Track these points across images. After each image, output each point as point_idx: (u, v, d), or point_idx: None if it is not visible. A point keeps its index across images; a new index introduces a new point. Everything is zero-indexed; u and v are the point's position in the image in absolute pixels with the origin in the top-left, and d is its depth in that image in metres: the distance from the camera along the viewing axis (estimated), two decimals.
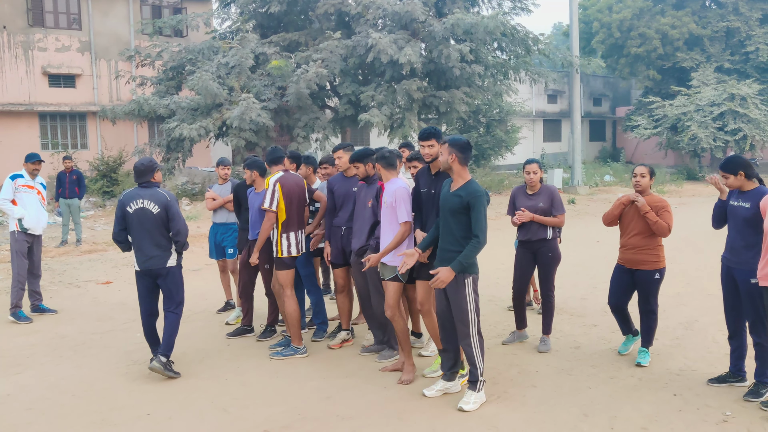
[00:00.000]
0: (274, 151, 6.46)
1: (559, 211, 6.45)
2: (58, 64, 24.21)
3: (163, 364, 5.75)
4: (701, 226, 5.97)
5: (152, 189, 5.79)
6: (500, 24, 19.28)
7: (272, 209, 6.16)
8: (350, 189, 6.33)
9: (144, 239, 5.73)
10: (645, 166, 6.04)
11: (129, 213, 5.73)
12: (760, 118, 27.21)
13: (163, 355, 5.79)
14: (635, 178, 6.02)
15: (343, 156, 6.39)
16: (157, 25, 22.36)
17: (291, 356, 6.30)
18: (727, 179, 5.26)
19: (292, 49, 21.32)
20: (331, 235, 6.49)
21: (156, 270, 5.80)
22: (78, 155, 21.68)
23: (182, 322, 7.65)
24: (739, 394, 5.18)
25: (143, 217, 5.70)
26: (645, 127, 29.88)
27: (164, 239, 5.79)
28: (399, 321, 5.62)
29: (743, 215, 5.14)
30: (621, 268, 6.03)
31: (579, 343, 6.64)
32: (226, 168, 7.93)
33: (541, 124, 38.60)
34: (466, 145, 5.04)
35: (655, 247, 5.84)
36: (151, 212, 5.70)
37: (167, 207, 5.75)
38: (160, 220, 5.73)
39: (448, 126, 24.93)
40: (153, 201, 5.71)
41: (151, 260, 5.75)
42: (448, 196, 5.04)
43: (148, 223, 5.70)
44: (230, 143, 19.40)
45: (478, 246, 4.87)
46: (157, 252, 5.76)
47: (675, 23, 32.49)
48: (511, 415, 4.92)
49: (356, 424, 4.81)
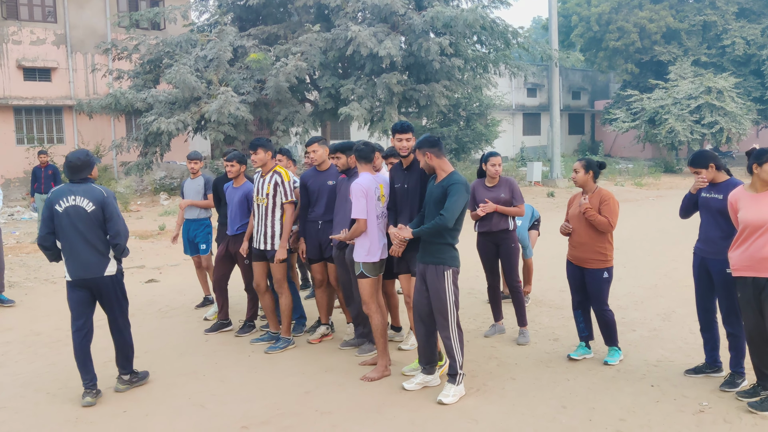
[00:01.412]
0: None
1: (519, 201, 6.53)
2: (33, 57, 23.83)
3: (128, 382, 5.38)
4: (678, 218, 5.97)
5: (86, 184, 5.06)
6: (480, 17, 19.26)
7: (293, 199, 6.20)
8: (325, 183, 6.27)
9: (77, 243, 4.97)
10: (580, 161, 5.84)
11: (58, 212, 4.97)
12: (736, 111, 27.53)
13: (124, 374, 5.37)
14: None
15: (318, 149, 6.32)
16: (134, 17, 22.06)
17: (285, 348, 6.30)
18: (699, 174, 5.28)
19: (271, 42, 21.16)
20: (306, 231, 6.42)
21: (93, 280, 5.05)
22: (54, 150, 21.37)
23: (161, 318, 7.64)
24: (715, 385, 5.24)
25: (75, 217, 4.95)
26: (623, 120, 30.13)
27: (101, 243, 5.03)
28: (375, 317, 5.60)
29: (717, 207, 5.18)
30: (570, 265, 5.93)
31: (557, 335, 6.67)
32: (196, 162, 7.77)
33: (520, 118, 38.75)
34: (433, 141, 5.08)
35: (601, 245, 5.68)
36: (84, 210, 4.96)
37: (103, 204, 5.01)
38: (96, 219, 4.99)
39: (429, 119, 24.92)
40: (86, 197, 4.98)
41: (87, 268, 5.01)
42: (433, 188, 5.08)
43: (82, 224, 4.95)
44: (209, 137, 19.23)
45: (441, 222, 4.88)
46: (94, 258, 5.01)
47: (653, 17, 32.75)
48: (490, 407, 4.93)
49: (336, 419, 4.79)
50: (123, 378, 5.38)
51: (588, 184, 5.77)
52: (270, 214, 6.20)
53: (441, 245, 5.01)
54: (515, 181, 6.68)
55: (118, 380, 5.38)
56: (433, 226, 4.92)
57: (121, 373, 5.39)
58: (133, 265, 10.89)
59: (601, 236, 5.68)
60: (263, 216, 6.22)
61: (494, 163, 6.54)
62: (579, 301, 5.96)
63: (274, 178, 6.19)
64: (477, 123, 27.77)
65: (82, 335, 5.13)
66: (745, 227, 4.74)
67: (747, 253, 4.73)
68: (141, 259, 11.39)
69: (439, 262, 5.00)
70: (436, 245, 5.01)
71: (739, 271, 4.79)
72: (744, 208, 4.77)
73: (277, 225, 6.21)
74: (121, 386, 5.35)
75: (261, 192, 6.24)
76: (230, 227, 6.88)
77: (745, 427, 4.53)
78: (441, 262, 5.00)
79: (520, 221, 7.88)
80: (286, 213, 6.19)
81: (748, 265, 4.73)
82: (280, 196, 6.16)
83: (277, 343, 6.36)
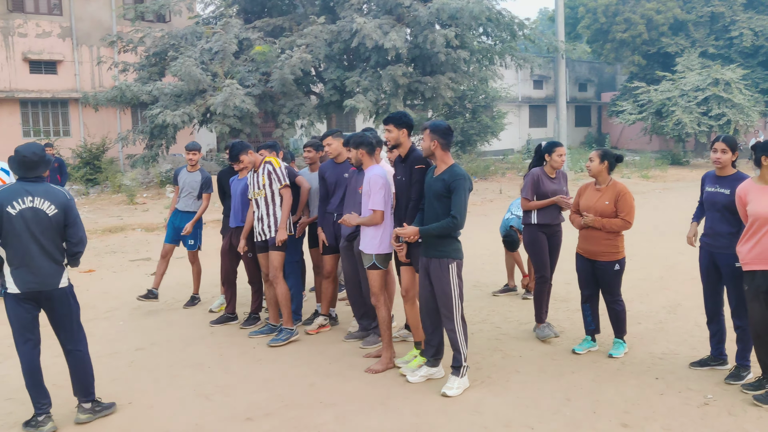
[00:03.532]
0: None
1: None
2: (39, 50, 23.87)
3: (90, 411, 4.69)
4: (684, 210, 5.94)
5: (45, 185, 4.47)
6: (486, 8, 19.19)
7: (287, 183, 6.23)
8: (341, 175, 6.31)
9: (32, 251, 4.36)
10: (597, 150, 5.75)
11: (10, 215, 4.33)
12: (743, 103, 27.35)
13: (85, 402, 4.69)
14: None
15: (333, 143, 6.35)
16: (139, 10, 22.07)
17: (288, 340, 6.28)
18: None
19: (276, 35, 21.13)
20: (324, 222, 6.47)
21: (46, 293, 4.46)
22: (60, 142, 21.42)
23: (166, 310, 7.66)
24: (720, 378, 5.22)
25: (33, 221, 4.35)
26: (630, 112, 29.96)
27: (58, 251, 4.48)
28: (382, 309, 5.61)
29: (723, 201, 5.14)
30: (580, 258, 5.86)
31: (563, 328, 6.65)
32: (195, 153, 7.60)
33: (526, 110, 38.59)
34: (446, 131, 5.03)
35: (613, 238, 5.62)
36: (45, 213, 4.39)
37: (67, 208, 4.47)
38: (56, 224, 4.43)
39: (434, 112, 24.86)
40: (47, 199, 4.41)
41: (42, 279, 4.41)
42: (432, 181, 5.04)
43: (40, 229, 4.37)
44: (214, 130, 19.23)
45: (452, 225, 4.86)
46: (50, 268, 4.44)
47: (660, 8, 32.53)
48: (494, 399, 4.93)
49: (340, 411, 4.80)
50: (83, 407, 4.68)
51: (602, 174, 5.67)
52: (270, 203, 6.24)
53: (444, 238, 5.00)
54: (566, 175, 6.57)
55: (78, 409, 4.69)
56: (445, 227, 4.88)
57: (81, 402, 4.69)
58: (140, 257, 10.93)
59: None
60: (264, 208, 6.25)
61: (560, 153, 6.31)
62: (588, 295, 5.91)
63: (266, 168, 6.24)
64: (483, 115, 27.69)
65: (33, 354, 4.56)
66: (755, 220, 4.71)
67: (758, 246, 4.71)
68: (147, 252, 11.42)
69: (442, 255, 4.99)
70: (439, 238, 4.99)
71: (749, 265, 4.76)
72: (753, 201, 4.74)
73: (280, 212, 6.25)
74: (82, 416, 4.65)
75: (257, 185, 6.29)
76: (233, 219, 6.89)
77: (750, 419, 4.52)
78: (444, 255, 4.98)
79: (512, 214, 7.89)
80: (284, 197, 6.23)
81: (759, 259, 4.71)
82: (275, 183, 6.21)
83: (279, 335, 6.35)
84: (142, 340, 6.56)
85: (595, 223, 5.60)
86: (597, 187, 5.74)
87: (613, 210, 5.58)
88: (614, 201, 5.58)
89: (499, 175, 24.08)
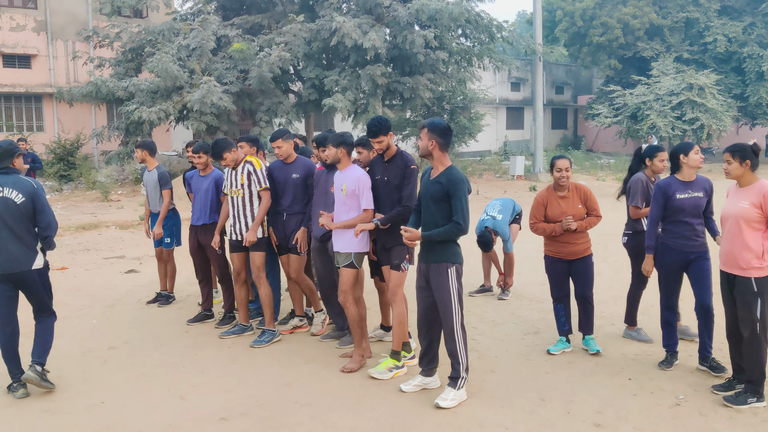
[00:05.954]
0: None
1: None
2: (13, 44, 23.49)
3: (39, 373, 5.02)
4: None
5: (13, 176, 4.93)
6: (465, 10, 19.28)
7: (267, 186, 6.20)
8: (290, 175, 6.31)
9: (4, 236, 4.85)
10: (565, 159, 5.88)
11: None
12: (717, 107, 27.77)
13: (38, 364, 5.06)
14: (561, 172, 5.82)
15: (283, 145, 6.29)
16: (115, 4, 21.74)
17: (271, 342, 6.25)
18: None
19: (254, 32, 21.01)
20: (274, 222, 6.45)
21: (19, 273, 4.93)
22: (34, 138, 21.13)
23: (140, 308, 7.59)
24: (692, 379, 5.29)
25: (3, 209, 4.82)
26: (605, 115, 30.30)
27: (29, 235, 4.94)
28: (351, 308, 5.58)
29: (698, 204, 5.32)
30: (556, 261, 5.97)
31: (537, 329, 6.70)
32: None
33: (504, 112, 38.84)
34: (446, 130, 4.87)
35: (586, 234, 5.95)
36: (13, 202, 4.84)
37: (34, 196, 4.91)
38: (25, 211, 4.88)
39: (413, 112, 24.90)
40: (15, 189, 4.86)
41: (14, 261, 4.88)
42: (429, 183, 4.91)
43: (10, 216, 4.84)
44: (191, 127, 19.08)
45: (456, 231, 4.74)
46: (22, 251, 4.90)
47: (636, 13, 32.92)
48: (469, 399, 4.94)
49: (315, 411, 4.79)
50: (36, 368, 5.03)
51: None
52: (248, 203, 6.21)
53: (443, 242, 4.85)
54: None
55: (30, 368, 5.03)
56: (449, 232, 4.76)
57: (34, 362, 5.05)
58: (113, 255, 10.81)
59: None
60: (240, 207, 6.22)
61: (662, 159, 5.99)
62: (561, 296, 6.04)
63: (246, 167, 6.21)
64: (461, 116, 27.77)
65: (9, 334, 5.00)
66: (723, 221, 4.90)
67: (723, 248, 4.90)
68: (121, 249, 11.30)
69: (441, 259, 4.84)
70: (438, 243, 4.84)
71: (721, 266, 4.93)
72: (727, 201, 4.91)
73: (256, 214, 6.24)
74: (31, 374, 4.99)
75: (235, 183, 6.24)
76: (197, 217, 6.84)
77: (720, 420, 4.59)
78: (444, 259, 4.84)
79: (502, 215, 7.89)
80: (263, 199, 6.21)
81: (723, 260, 4.89)
82: (254, 185, 6.19)
83: (262, 336, 6.30)
84: (115, 339, 6.49)
85: (580, 226, 5.79)
86: (560, 194, 5.91)
87: (585, 210, 5.88)
88: (584, 202, 5.87)
89: (476, 176, 24.18)
